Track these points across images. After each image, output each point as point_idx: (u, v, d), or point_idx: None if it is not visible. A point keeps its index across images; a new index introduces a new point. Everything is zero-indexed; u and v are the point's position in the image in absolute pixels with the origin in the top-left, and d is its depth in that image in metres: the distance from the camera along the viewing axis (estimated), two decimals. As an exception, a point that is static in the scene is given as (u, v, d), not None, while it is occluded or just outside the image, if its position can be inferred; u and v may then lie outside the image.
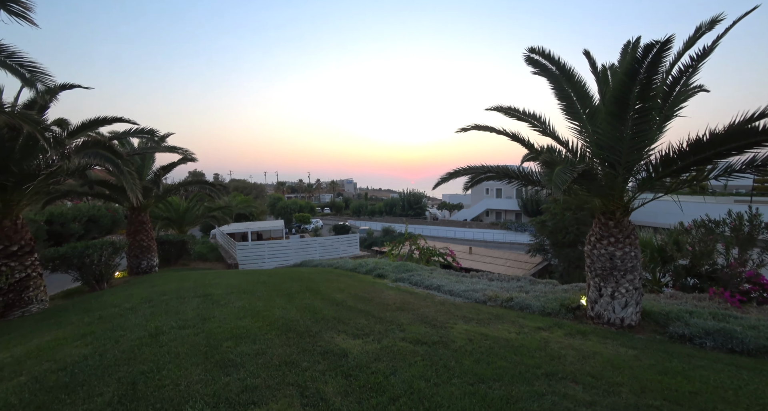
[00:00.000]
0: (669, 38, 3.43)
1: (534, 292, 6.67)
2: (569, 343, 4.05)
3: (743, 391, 2.91)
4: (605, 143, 4.44)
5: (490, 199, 51.51)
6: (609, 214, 4.78)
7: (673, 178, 4.39)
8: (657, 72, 3.74)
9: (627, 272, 4.70)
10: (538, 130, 5.49)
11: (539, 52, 4.94)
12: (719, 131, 3.60)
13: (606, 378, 3.03)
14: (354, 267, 10.66)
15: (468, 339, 4.03)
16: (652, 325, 4.97)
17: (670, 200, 5.60)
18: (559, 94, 5.05)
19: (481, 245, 34.10)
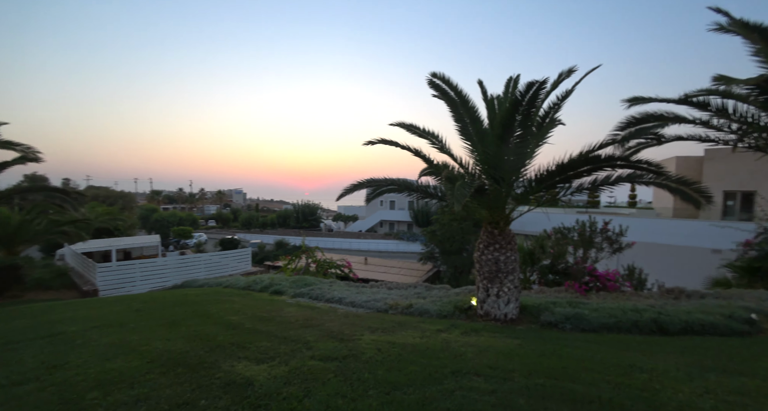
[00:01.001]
0: (544, 80, 4.15)
1: (431, 298, 7.16)
2: (467, 341, 4.45)
3: (595, 359, 3.62)
4: (492, 162, 5.10)
5: (384, 211, 53.78)
6: (494, 224, 5.48)
7: (544, 193, 5.28)
8: (534, 105, 4.49)
9: (509, 273, 5.42)
10: (437, 147, 6.01)
11: (440, 77, 5.44)
12: (575, 157, 4.49)
13: (501, 367, 3.41)
14: (247, 284, 9.92)
15: (377, 349, 4.10)
16: (528, 316, 5.79)
17: (537, 212, 6.66)
18: (456, 116, 5.63)
19: (375, 255, 35.22)
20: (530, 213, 6.07)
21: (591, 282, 8.79)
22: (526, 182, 5.20)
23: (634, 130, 5.28)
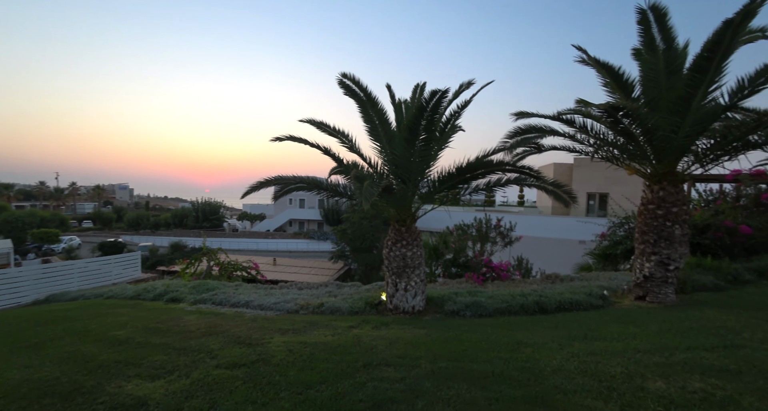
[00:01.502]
0: (446, 89, 4.51)
1: (342, 295, 7.23)
2: (378, 335, 4.63)
3: (490, 340, 4.10)
4: (400, 163, 5.36)
5: (293, 210, 52.21)
6: (401, 221, 5.77)
7: (445, 192, 5.74)
8: (437, 112, 4.85)
9: (415, 268, 5.76)
10: (347, 146, 6.08)
11: (350, 78, 5.51)
12: (473, 161, 4.98)
13: (409, 356, 3.64)
14: (137, 293, 8.76)
15: (288, 350, 4.02)
16: (433, 307, 6.23)
17: (441, 210, 7.19)
18: (365, 117, 5.76)
19: (285, 256, 34.06)
20: (435, 211, 6.54)
21: (488, 273, 9.80)
22: (430, 183, 5.60)
23: (519, 139, 6.08)
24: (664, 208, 5.56)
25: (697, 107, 5.24)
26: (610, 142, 5.98)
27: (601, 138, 5.93)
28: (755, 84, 5.16)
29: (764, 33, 5.98)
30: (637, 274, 6.02)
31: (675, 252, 5.56)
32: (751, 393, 2.58)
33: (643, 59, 6.03)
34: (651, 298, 5.84)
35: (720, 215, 10.47)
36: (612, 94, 6.21)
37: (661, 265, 5.63)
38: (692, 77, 5.00)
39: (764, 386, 2.67)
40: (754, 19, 4.88)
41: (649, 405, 2.46)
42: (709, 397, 2.52)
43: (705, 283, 6.84)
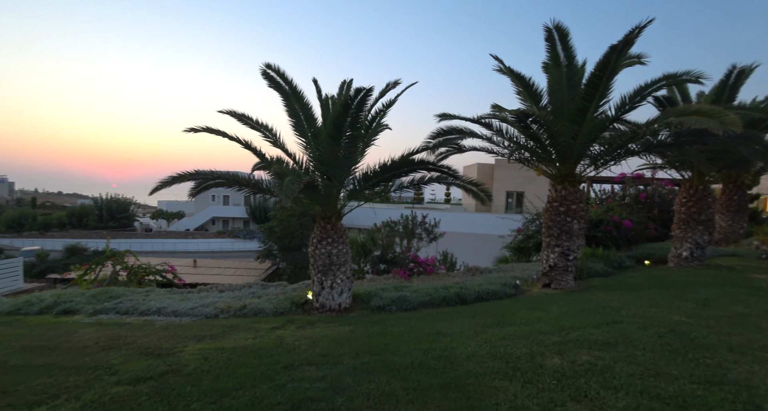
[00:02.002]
0: (371, 88, 4.55)
1: (267, 296, 6.95)
2: (302, 334, 4.53)
3: (412, 333, 4.24)
4: (325, 160, 5.29)
5: (216, 207, 48.82)
6: (327, 219, 5.71)
7: (371, 190, 5.80)
8: (363, 109, 4.87)
9: (341, 265, 5.75)
10: (270, 141, 5.84)
11: (275, 69, 5.28)
12: (397, 160, 5.10)
13: (332, 354, 3.62)
14: (16, 307, 7.44)
15: (203, 358, 3.75)
16: (360, 304, 6.27)
17: (368, 207, 7.26)
18: (290, 111, 5.58)
19: (207, 257, 31.74)
20: (363, 208, 6.60)
21: (415, 268, 10.15)
22: (356, 180, 5.63)
23: (441, 139, 6.39)
24: (565, 205, 6.27)
25: (590, 118, 5.97)
26: (522, 145, 6.57)
27: (514, 141, 6.48)
28: (633, 101, 6.03)
29: (640, 59, 7.02)
30: (543, 265, 6.70)
31: (574, 244, 6.30)
32: (623, 360, 3.02)
33: (550, 73, 6.70)
34: (555, 285, 6.54)
35: (610, 212, 12.08)
36: (524, 102, 6.82)
37: (563, 255, 6.34)
38: (587, 92, 5.69)
39: (633, 353, 3.15)
40: (633, 47, 5.77)
41: (545, 379, 2.75)
42: (593, 368, 2.89)
43: (597, 269, 7.86)
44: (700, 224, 8.16)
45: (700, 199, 8.27)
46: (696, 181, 8.42)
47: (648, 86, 6.09)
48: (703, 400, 2.41)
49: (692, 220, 8.23)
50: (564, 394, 2.52)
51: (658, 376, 2.75)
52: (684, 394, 2.49)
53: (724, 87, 8.97)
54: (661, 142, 6.52)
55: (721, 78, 9.14)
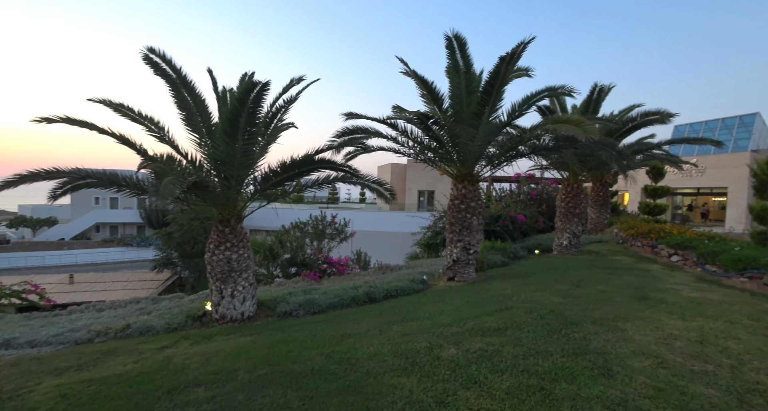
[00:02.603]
0: (267, 82, 4.28)
1: (158, 311, 6.17)
2: (195, 351, 4.08)
3: (317, 337, 4.10)
4: (221, 158, 4.86)
5: (101, 211, 42.24)
6: (225, 221, 5.26)
7: (273, 190, 5.50)
8: (260, 105, 4.57)
9: (243, 271, 5.35)
10: (156, 135, 5.17)
11: (159, 54, 4.65)
12: (299, 158, 4.90)
13: (226, 369, 3.31)
14: None
15: (60, 395, 3.12)
16: (266, 311, 5.91)
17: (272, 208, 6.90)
18: (180, 103, 5.00)
19: (90, 270, 27.37)
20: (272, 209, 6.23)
21: (328, 269, 9.97)
22: (256, 180, 5.28)
23: (347, 138, 6.36)
24: (465, 202, 6.70)
25: (486, 122, 6.47)
26: (426, 146, 6.86)
27: (418, 142, 6.72)
28: (522, 108, 6.69)
29: (528, 72, 7.84)
30: (448, 259, 7.08)
31: (474, 238, 6.77)
32: (511, 343, 3.29)
33: (450, 78, 7.09)
34: (458, 278, 6.96)
35: (507, 208, 13.35)
36: (428, 105, 7.11)
37: (465, 250, 6.77)
38: (482, 97, 6.14)
39: (519, 336, 3.46)
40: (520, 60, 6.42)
41: (441, 371, 2.84)
42: (484, 354, 3.09)
43: (496, 261, 8.58)
44: (575, 216, 9.44)
45: (576, 195, 9.58)
46: (572, 179, 9.74)
47: (533, 96, 6.81)
48: (570, 371, 2.71)
49: (570, 214, 9.48)
50: (456, 383, 2.63)
51: (537, 354, 3.04)
52: (556, 368, 2.78)
53: (590, 101, 10.55)
54: (544, 145, 7.36)
55: (588, 93, 10.74)
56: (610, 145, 7.07)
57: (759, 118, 22.33)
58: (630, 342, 3.28)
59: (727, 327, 3.70)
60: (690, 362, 2.90)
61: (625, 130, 10.66)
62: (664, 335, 3.45)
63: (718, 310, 4.27)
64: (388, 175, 31.57)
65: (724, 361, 2.94)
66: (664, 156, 12.68)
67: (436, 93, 6.55)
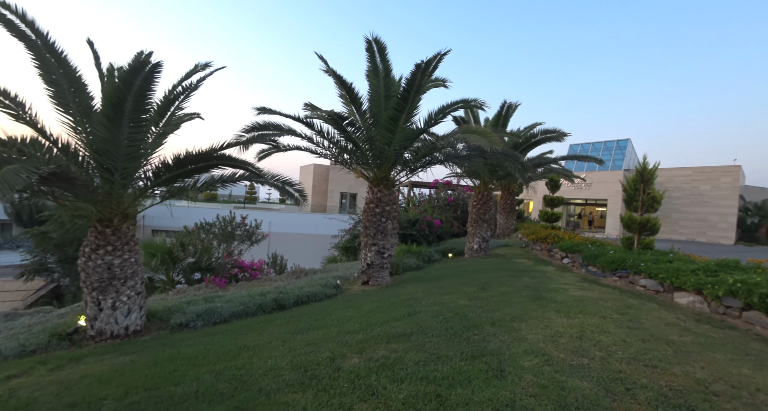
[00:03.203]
0: (159, 63, 3.76)
1: (11, 331, 5.08)
2: (53, 379, 3.39)
3: (211, 352, 3.66)
4: (102, 147, 4.16)
5: (-48, 207, 34.37)
6: (106, 221, 4.51)
7: (167, 186, 4.87)
8: (151, 88, 3.99)
9: (128, 279, 4.65)
10: (11, 112, 4.23)
11: (16, 12, 3.79)
12: (194, 152, 4.40)
13: (88, 400, 2.77)
14: None
15: None
16: (157, 323, 5.22)
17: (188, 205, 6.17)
18: (45, 75, 4.15)
19: (-70, 278, 21.94)
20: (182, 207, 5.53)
21: (239, 273, 9.27)
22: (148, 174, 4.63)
23: (257, 134, 5.94)
24: (381, 206, 6.71)
25: (402, 127, 6.56)
26: (343, 148, 6.73)
27: (335, 142, 6.57)
28: (437, 117, 6.92)
29: (444, 83, 8.18)
30: (362, 263, 7.02)
31: (388, 242, 6.80)
32: (414, 349, 3.29)
33: (370, 81, 7.09)
34: (373, 282, 6.93)
35: (425, 212, 13.81)
36: (346, 106, 7.00)
37: (379, 254, 6.77)
38: (398, 103, 6.21)
39: (423, 341, 3.48)
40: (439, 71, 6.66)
41: (340, 383, 2.70)
42: (386, 362, 3.03)
43: (411, 264, 8.77)
44: (485, 222, 10.10)
45: (486, 203, 10.26)
46: (483, 188, 10.41)
47: (448, 107, 7.09)
48: (466, 375, 2.77)
49: (480, 219, 10.12)
50: (354, 396, 2.51)
51: (438, 360, 3.07)
52: (454, 373, 2.82)
53: (500, 116, 11.44)
54: (457, 154, 7.73)
55: (498, 109, 11.65)
56: (514, 158, 7.69)
57: (630, 144, 26.60)
58: (523, 341, 3.50)
59: (601, 322, 4.17)
60: (570, 357, 3.17)
61: (529, 144, 11.76)
62: (552, 333, 3.75)
63: (595, 306, 4.81)
64: (310, 176, 30.82)
65: (597, 354, 3.26)
66: (560, 170, 14.30)
67: (354, 94, 6.47)
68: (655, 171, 7.19)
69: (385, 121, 6.44)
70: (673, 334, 3.95)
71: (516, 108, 11.62)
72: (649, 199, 7.11)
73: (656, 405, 2.47)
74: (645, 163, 7.26)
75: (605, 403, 2.46)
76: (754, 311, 4.41)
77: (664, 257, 6.38)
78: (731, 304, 4.66)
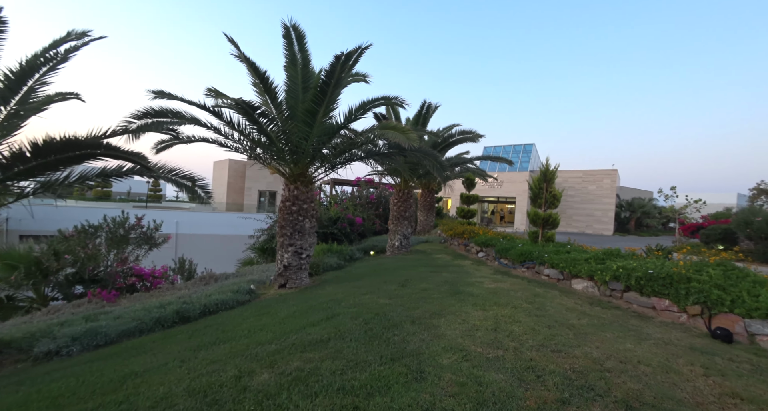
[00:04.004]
0: (1, 18, 2.94)
1: None
2: None
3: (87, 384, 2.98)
4: None
5: None
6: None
7: (25, 179, 3.93)
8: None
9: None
10: None
11: None
12: (65, 138, 3.59)
13: None
14: None
15: None
16: (14, 354, 4.24)
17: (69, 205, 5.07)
18: None
19: None
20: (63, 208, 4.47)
21: (137, 283, 8.08)
22: None
23: (151, 122, 5.13)
24: (297, 204, 6.33)
25: (320, 121, 6.25)
26: (257, 141, 6.20)
27: (247, 135, 6.01)
28: (358, 113, 6.73)
29: (365, 78, 8.05)
30: (279, 265, 6.56)
31: (306, 242, 6.45)
32: (331, 357, 3.06)
33: (288, 71, 6.64)
34: (290, 285, 6.52)
35: (347, 210, 13.61)
36: (260, 95, 6.46)
37: (297, 254, 6.38)
38: (317, 95, 5.89)
39: (340, 348, 3.26)
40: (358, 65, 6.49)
41: (245, 406, 2.36)
42: (300, 375, 2.75)
43: (332, 264, 8.50)
44: (406, 220, 10.24)
45: (406, 200, 10.40)
46: (403, 185, 10.54)
47: (369, 103, 6.95)
48: (386, 381, 2.62)
49: (401, 217, 10.23)
50: (260, 421, 2.20)
51: (356, 367, 2.88)
52: (373, 379, 2.65)
53: (420, 115, 11.70)
54: (378, 151, 7.65)
55: (418, 109, 11.92)
56: (433, 156, 7.87)
57: (535, 148, 29.57)
58: (442, 338, 3.49)
59: (513, 312, 4.39)
60: (486, 350, 3.23)
61: (447, 144, 12.25)
62: (469, 327, 3.82)
63: (507, 298, 5.07)
64: (225, 173, 28.48)
65: (510, 345, 3.38)
66: (476, 170, 15.21)
67: (269, 83, 5.98)
68: (556, 172, 7.93)
69: (303, 114, 6.07)
70: (572, 318, 4.30)
71: (436, 109, 12.00)
72: (551, 197, 7.82)
73: (563, 389, 2.59)
74: (547, 164, 7.96)
75: (519, 394, 2.51)
76: (632, 292, 5.04)
77: (563, 248, 7.05)
78: (615, 287, 5.27)
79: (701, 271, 4.58)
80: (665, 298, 4.60)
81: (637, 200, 25.70)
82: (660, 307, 4.64)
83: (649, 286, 4.76)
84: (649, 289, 4.75)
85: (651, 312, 4.74)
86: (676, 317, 4.48)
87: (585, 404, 2.43)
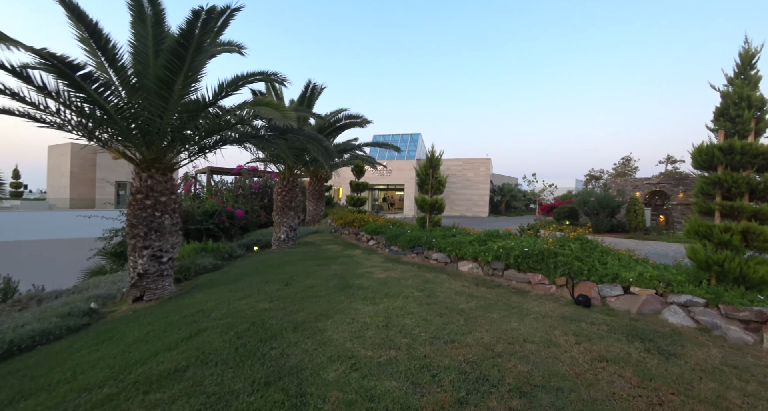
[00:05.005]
0: None
1: None
2: None
3: None
4: None
5: None
6: None
7: None
8: None
9: None
10: None
11: None
12: None
13: None
14: None
15: None
16: None
17: None
18: None
19: None
20: None
21: None
22: None
23: None
24: (153, 197, 5.12)
25: (180, 94, 5.11)
26: (88, 115, 4.75)
27: (70, 106, 4.54)
28: (229, 88, 5.71)
29: (240, 48, 6.97)
30: (132, 273, 5.27)
31: (167, 243, 5.30)
32: (185, 395, 2.36)
33: (135, 29, 5.28)
34: (149, 296, 5.31)
35: (226, 202, 12.13)
36: (93, 57, 4.95)
37: (155, 258, 5.20)
38: (171, 61, 4.75)
39: (202, 377, 2.57)
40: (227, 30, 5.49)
41: None
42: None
43: (206, 265, 7.33)
44: (291, 210, 9.49)
45: (291, 189, 9.63)
46: (288, 173, 9.73)
47: (244, 77, 6.00)
48: (257, 417, 2.08)
49: (286, 207, 9.44)
50: None
51: (220, 401, 2.26)
52: (240, 417, 2.08)
53: (304, 97, 10.93)
54: (254, 133, 6.74)
55: (302, 89, 11.13)
56: (317, 140, 7.30)
57: (421, 137, 31.17)
58: (328, 345, 3.06)
59: (404, 303, 4.21)
60: (378, 353, 2.91)
61: (334, 128, 11.76)
62: (359, 327, 3.47)
63: (398, 287, 4.91)
64: (66, 159, 22.88)
65: (403, 342, 3.13)
66: (365, 157, 15.08)
67: (104, 39, 4.59)
68: (441, 158, 8.16)
69: (155, 83, 4.86)
70: (462, 302, 4.33)
71: (322, 90, 11.36)
72: (437, 183, 8.02)
73: (459, 386, 2.42)
74: (433, 151, 8.13)
75: (414, 402, 2.24)
76: (511, 270, 5.39)
77: (449, 232, 7.30)
78: (497, 266, 5.58)
79: (564, 246, 5.09)
80: (538, 273, 5.01)
81: (506, 185, 29.30)
82: (534, 282, 5.04)
83: (525, 263, 5.12)
84: (525, 266, 5.12)
85: (527, 287, 5.12)
86: (547, 289, 4.90)
87: (482, 400, 2.28)
